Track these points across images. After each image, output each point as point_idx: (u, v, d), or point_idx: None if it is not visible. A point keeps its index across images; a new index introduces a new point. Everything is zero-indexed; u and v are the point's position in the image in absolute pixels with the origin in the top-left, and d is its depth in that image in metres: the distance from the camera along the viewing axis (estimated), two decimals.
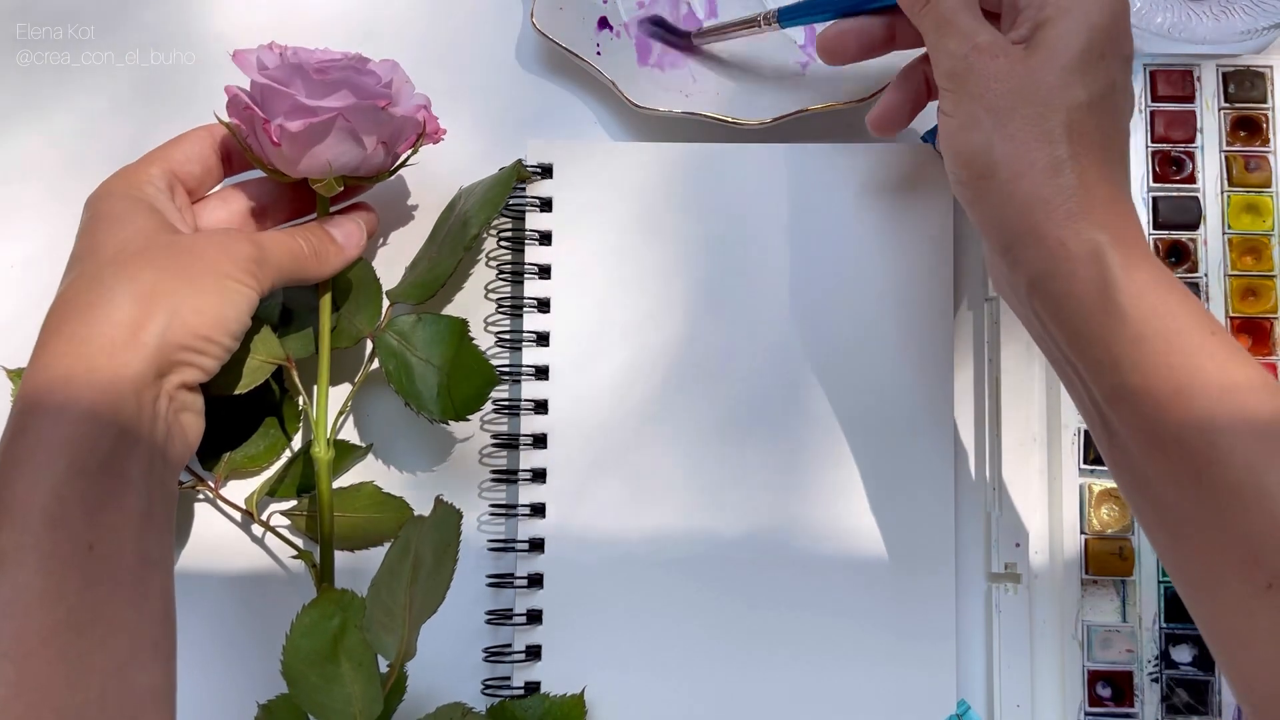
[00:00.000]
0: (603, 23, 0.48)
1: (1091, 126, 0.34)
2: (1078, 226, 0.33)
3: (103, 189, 0.39)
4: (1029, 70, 0.35)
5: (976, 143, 0.35)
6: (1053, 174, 0.34)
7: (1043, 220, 0.34)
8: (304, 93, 0.38)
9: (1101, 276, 0.33)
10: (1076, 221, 0.33)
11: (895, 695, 0.43)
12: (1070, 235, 0.33)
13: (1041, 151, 0.34)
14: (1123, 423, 0.33)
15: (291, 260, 0.39)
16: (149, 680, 0.33)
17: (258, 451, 0.44)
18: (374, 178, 0.42)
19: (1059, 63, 0.34)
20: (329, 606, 0.39)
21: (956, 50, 0.36)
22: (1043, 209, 0.34)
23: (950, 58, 0.36)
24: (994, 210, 0.35)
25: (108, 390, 0.33)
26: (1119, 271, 0.32)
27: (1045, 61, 0.34)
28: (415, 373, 0.42)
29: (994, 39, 0.35)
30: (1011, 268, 0.35)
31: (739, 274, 0.45)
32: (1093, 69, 0.34)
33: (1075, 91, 0.34)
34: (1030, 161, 0.34)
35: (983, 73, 0.35)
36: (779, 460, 0.44)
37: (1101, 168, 0.34)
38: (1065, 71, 0.34)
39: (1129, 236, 0.33)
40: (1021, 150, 0.34)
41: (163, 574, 0.35)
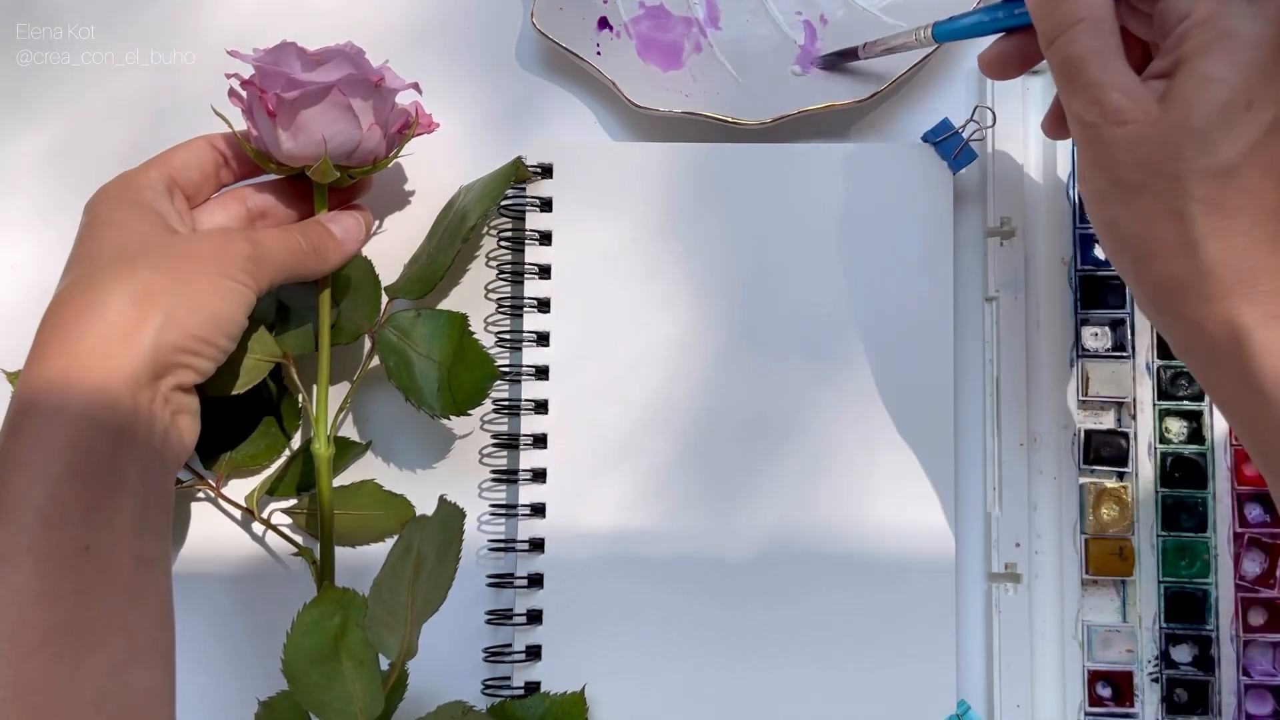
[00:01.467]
0: (603, 23, 0.48)
1: (1236, 190, 0.30)
2: (1215, 308, 0.31)
3: (101, 193, 0.39)
4: (1159, 137, 0.30)
5: (1107, 217, 0.33)
6: (1186, 254, 0.31)
7: (1178, 302, 0.31)
8: (299, 70, 0.39)
9: (1242, 360, 0.30)
10: (1214, 303, 0.31)
11: (895, 695, 0.43)
12: (1207, 317, 0.31)
13: (1174, 231, 0.31)
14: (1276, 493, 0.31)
15: (290, 256, 0.39)
16: (147, 681, 0.33)
17: (258, 450, 0.44)
18: (371, 167, 0.42)
19: (1195, 123, 0.30)
20: (330, 605, 0.39)
21: (1082, 113, 0.32)
22: (1178, 291, 0.31)
23: (1075, 120, 0.33)
24: (1132, 283, 0.33)
25: (103, 392, 0.33)
26: (1263, 356, 0.30)
27: (1179, 124, 0.30)
28: (416, 368, 0.42)
29: (1123, 99, 0.31)
30: (1160, 332, 0.34)
31: (739, 274, 0.45)
32: (1239, 123, 0.30)
33: (1217, 156, 0.30)
34: (1161, 241, 0.31)
35: (1111, 143, 0.31)
36: (778, 460, 0.44)
37: (1250, 232, 0.30)
38: (1202, 134, 0.30)
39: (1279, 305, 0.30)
40: (1151, 231, 0.31)
41: (160, 575, 0.35)
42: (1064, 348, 0.44)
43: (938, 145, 0.45)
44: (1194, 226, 0.31)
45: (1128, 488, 0.43)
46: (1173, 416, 0.44)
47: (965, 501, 0.45)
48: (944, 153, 0.45)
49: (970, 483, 0.45)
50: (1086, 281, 0.44)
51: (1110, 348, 0.44)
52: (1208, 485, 0.43)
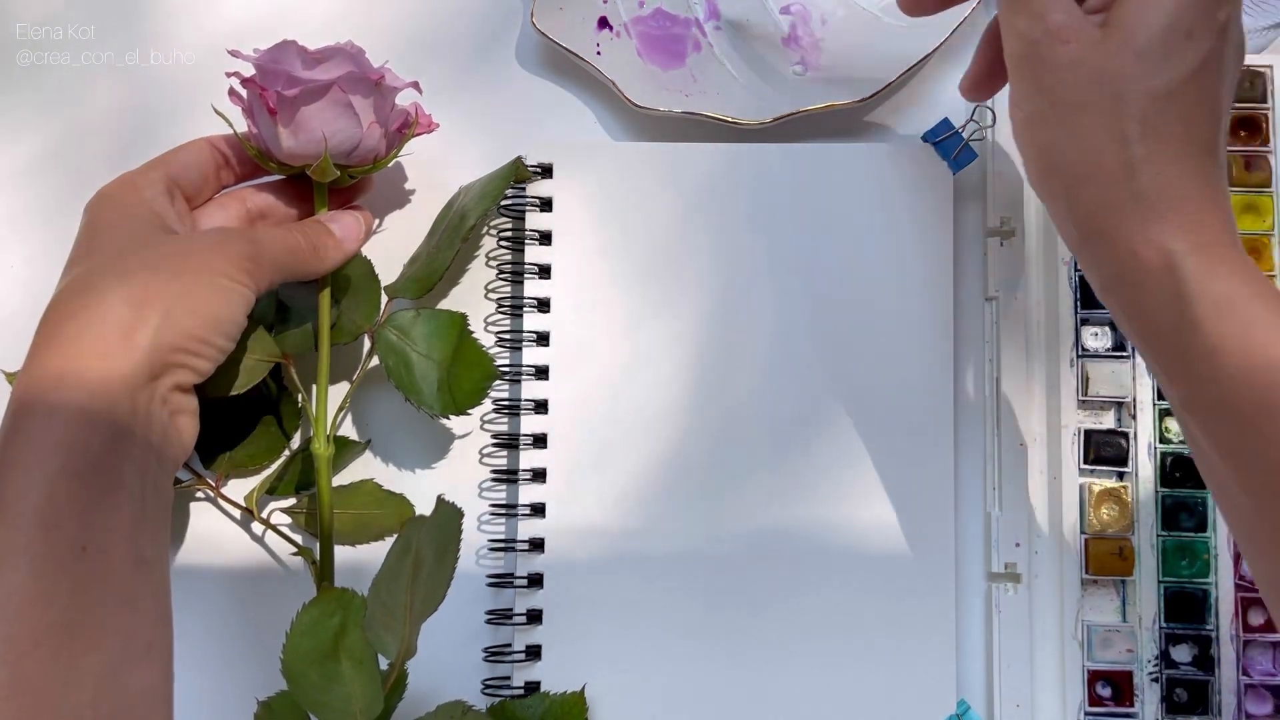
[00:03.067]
0: (603, 23, 0.48)
1: (1174, 117, 0.31)
2: (1150, 234, 0.31)
3: (101, 194, 0.39)
4: (1103, 57, 0.31)
5: (1043, 141, 0.33)
6: (1125, 177, 0.31)
7: (1113, 227, 0.32)
8: (299, 68, 0.39)
9: (1175, 287, 0.30)
10: (1149, 228, 0.31)
11: (895, 695, 0.43)
12: (1141, 243, 0.31)
13: (1112, 152, 0.31)
14: (1201, 432, 0.31)
15: (289, 255, 0.39)
16: (143, 682, 0.33)
17: (257, 450, 0.44)
18: (371, 167, 0.42)
19: (1136, 46, 0.31)
20: (329, 605, 0.39)
21: (1027, 31, 0.33)
22: (1113, 215, 0.32)
23: (1019, 40, 0.33)
24: (1063, 210, 0.33)
25: (100, 392, 0.33)
26: (1194, 282, 0.30)
27: (1121, 46, 0.31)
28: (415, 368, 0.42)
29: (1068, 19, 0.32)
30: (1085, 267, 0.34)
31: (739, 274, 0.45)
32: (1177, 50, 0.31)
33: (1156, 79, 0.31)
34: (1100, 163, 0.32)
35: (1052, 62, 0.32)
36: (779, 460, 0.44)
37: (1184, 162, 0.31)
38: (1144, 57, 0.31)
39: (1211, 237, 0.31)
40: (1090, 151, 0.32)
41: (158, 576, 0.35)
42: (1064, 348, 0.44)
43: (938, 145, 0.45)
44: (1132, 149, 0.31)
45: (1128, 488, 0.43)
46: (1173, 416, 0.44)
47: (965, 501, 0.45)
48: (944, 153, 0.45)
49: (970, 483, 0.45)
50: (1086, 282, 0.44)
51: (1110, 348, 0.44)
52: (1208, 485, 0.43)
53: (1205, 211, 0.31)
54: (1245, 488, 0.30)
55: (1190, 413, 0.32)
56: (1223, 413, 0.30)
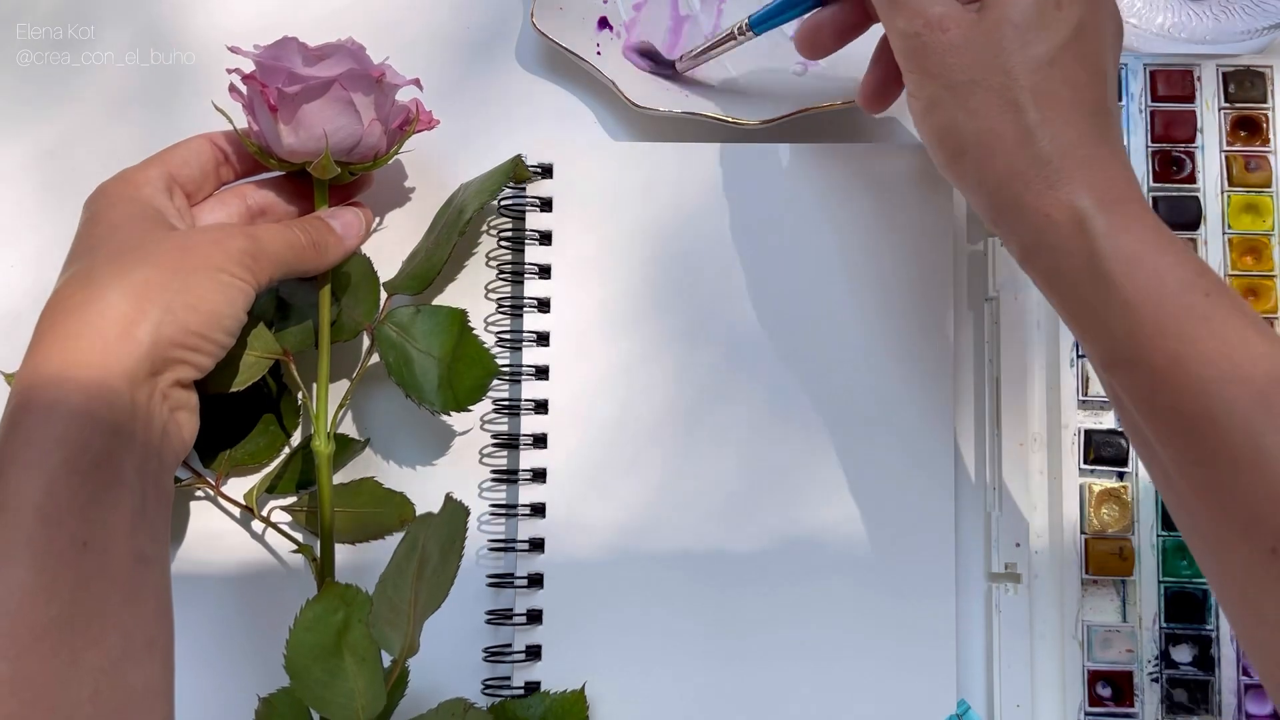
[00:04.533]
0: (603, 23, 0.48)
1: (1059, 82, 0.33)
2: (1059, 195, 0.32)
3: (100, 190, 0.39)
4: (983, 37, 0.33)
5: (943, 123, 0.34)
6: (1025, 144, 0.33)
7: (1022, 193, 0.33)
8: (300, 65, 0.39)
9: (1087, 245, 0.32)
10: (1056, 189, 0.32)
11: (895, 695, 0.43)
12: (1052, 205, 0.32)
13: (1009, 123, 0.33)
14: (1122, 389, 0.32)
15: (289, 251, 0.39)
16: (144, 678, 0.33)
17: (257, 448, 0.44)
18: (372, 164, 0.42)
19: (1012, 22, 0.33)
20: (333, 601, 0.39)
21: (907, 28, 0.35)
22: (1020, 182, 0.33)
23: (903, 37, 0.35)
24: (974, 187, 0.35)
25: (100, 387, 0.33)
26: (1104, 239, 0.31)
27: (998, 24, 0.33)
28: (416, 364, 0.42)
29: (945, 9, 0.34)
30: (1004, 239, 0.35)
31: (739, 273, 0.45)
32: (1050, 19, 0.33)
33: (1035, 49, 0.33)
34: (999, 135, 0.33)
35: (936, 48, 0.34)
36: (779, 460, 0.44)
37: (1078, 124, 0.33)
38: (1020, 30, 0.33)
39: (1116, 194, 0.32)
40: (988, 124, 0.33)
41: (158, 572, 0.35)
42: (1064, 348, 0.44)
43: None
44: (1027, 115, 0.33)
45: (1128, 488, 0.43)
46: None
47: (965, 501, 0.45)
48: None
49: (970, 483, 0.45)
50: None
51: None
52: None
53: (1105, 169, 0.33)
54: (1162, 439, 0.31)
55: (1109, 370, 0.33)
56: (1139, 367, 0.31)
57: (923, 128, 0.36)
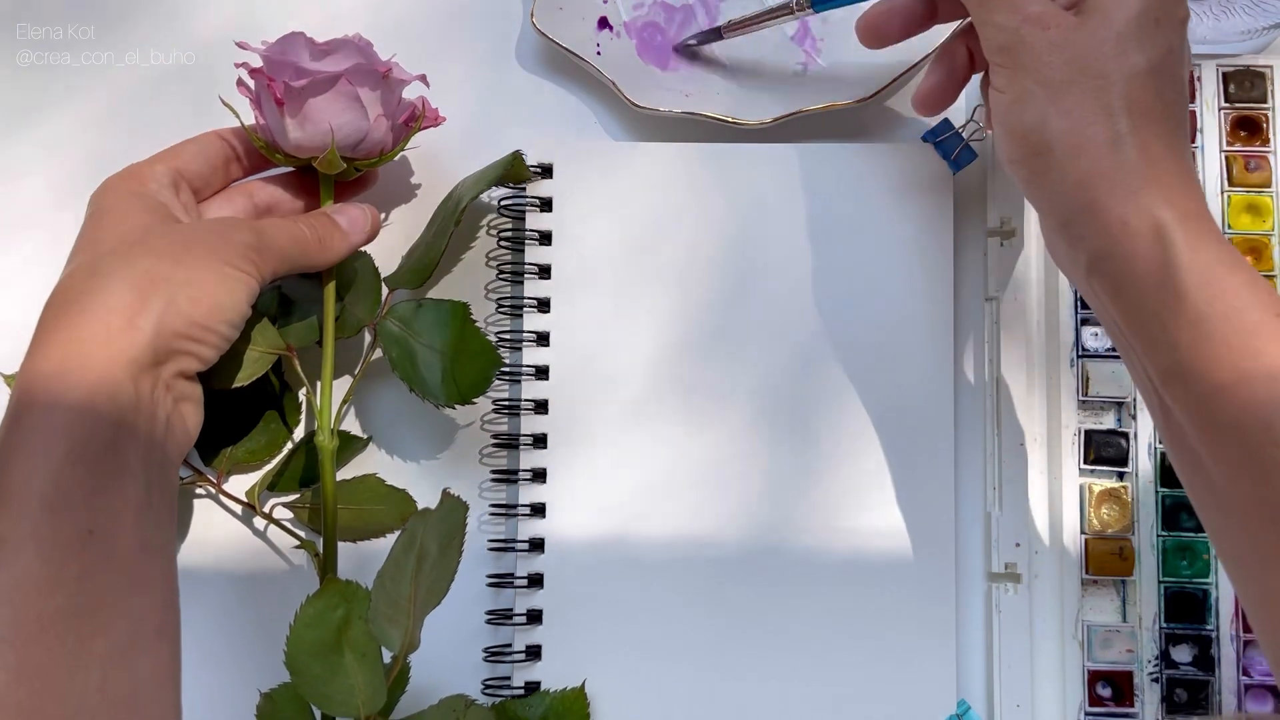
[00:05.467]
0: (603, 23, 0.48)
1: (1152, 96, 0.33)
2: (1140, 203, 0.32)
3: (106, 185, 0.39)
4: (1084, 39, 0.33)
5: (1031, 119, 0.34)
6: (1113, 149, 0.33)
7: (1104, 196, 0.33)
8: (307, 59, 0.39)
9: (1163, 255, 0.32)
10: (1139, 198, 0.32)
11: (895, 695, 0.43)
12: (1132, 213, 0.33)
13: (1100, 125, 0.33)
14: (1178, 402, 0.32)
15: (294, 246, 0.39)
16: (151, 665, 0.33)
17: (259, 445, 0.44)
18: (378, 159, 0.42)
19: (1114, 29, 0.33)
20: (333, 597, 0.39)
21: (1005, 23, 0.35)
22: (1104, 185, 0.33)
23: (999, 31, 0.35)
24: (1051, 187, 0.35)
25: (104, 377, 0.33)
26: (1182, 250, 0.32)
27: (1100, 29, 0.33)
28: (419, 358, 0.42)
29: (1044, 8, 0.34)
30: (1071, 245, 0.35)
31: (739, 273, 0.45)
32: (1149, 34, 0.33)
33: (1133, 59, 0.33)
34: (1089, 136, 0.33)
35: (1035, 45, 0.34)
36: (779, 460, 0.44)
37: (1165, 139, 0.33)
38: (1121, 39, 0.33)
39: (1193, 212, 0.33)
40: (1079, 125, 0.33)
41: (164, 560, 0.35)
42: (1064, 348, 0.44)
43: (938, 145, 0.45)
44: (1118, 122, 0.33)
45: (1128, 488, 0.43)
46: None
47: (965, 501, 0.45)
48: (944, 153, 0.45)
49: (970, 483, 0.45)
50: None
51: (1110, 348, 0.44)
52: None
53: (1185, 184, 0.33)
54: (1216, 454, 0.31)
55: (1167, 383, 0.33)
56: (1202, 380, 0.31)
57: (1006, 121, 0.35)
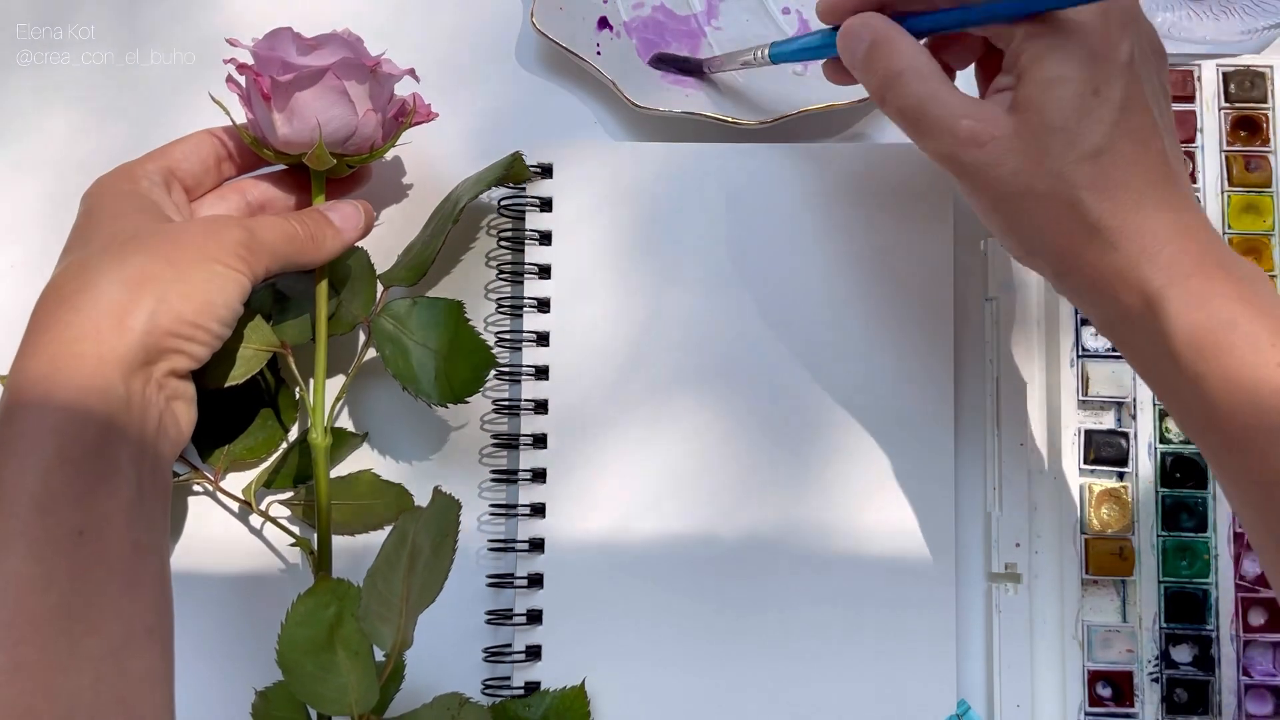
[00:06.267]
0: (603, 23, 0.48)
1: (1114, 167, 0.32)
2: (1128, 280, 0.32)
3: (98, 183, 0.39)
4: (1024, 143, 0.32)
5: (1005, 228, 0.34)
6: (1091, 238, 0.32)
7: (1095, 280, 0.33)
8: (294, 54, 0.39)
9: (1155, 326, 0.32)
10: (1127, 275, 0.32)
11: (895, 695, 0.43)
12: (1122, 289, 0.32)
13: (1072, 222, 0.32)
14: (1207, 454, 0.33)
15: (286, 243, 0.39)
16: (144, 665, 0.33)
17: (255, 443, 0.44)
18: (368, 155, 0.42)
19: (1051, 124, 0.32)
20: (325, 595, 0.39)
21: (940, 149, 0.34)
22: (1093, 271, 0.33)
23: (938, 157, 0.34)
24: (1050, 276, 0.35)
25: (94, 377, 0.33)
26: (1172, 319, 0.31)
27: (1038, 129, 0.32)
28: (412, 356, 0.42)
29: (974, 125, 0.32)
30: (1084, 313, 0.35)
31: (739, 274, 0.45)
32: (1091, 107, 0.31)
33: (1083, 145, 0.32)
34: (1064, 234, 0.33)
35: (976, 166, 0.33)
36: (779, 460, 0.44)
37: (1143, 205, 0.32)
38: (1064, 131, 0.31)
39: (1188, 267, 0.32)
40: (1051, 230, 0.33)
41: (157, 560, 0.35)
42: (1064, 348, 0.44)
43: None
44: (1089, 212, 0.32)
45: (1128, 488, 0.43)
46: None
47: (965, 501, 0.45)
48: None
49: (970, 483, 0.45)
50: None
51: (1110, 348, 0.44)
52: (1208, 485, 0.43)
53: (1179, 241, 0.32)
54: (1242, 502, 0.32)
55: (1195, 437, 0.33)
56: (1213, 436, 0.32)
57: (988, 226, 0.35)
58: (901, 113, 0.34)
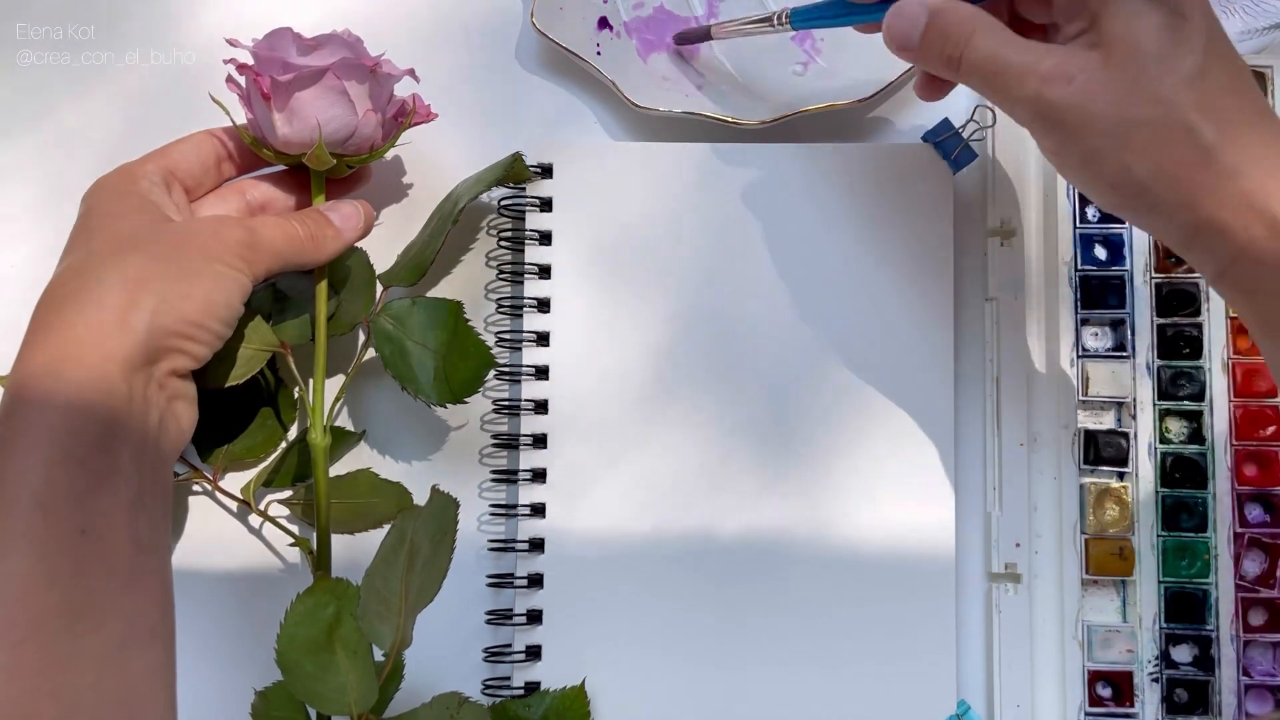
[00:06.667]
0: (603, 23, 0.48)
1: (1218, 92, 0.31)
2: (1254, 205, 0.31)
3: (98, 184, 0.39)
4: (1119, 74, 0.31)
5: (1111, 172, 0.33)
6: (1208, 163, 0.31)
7: (1215, 210, 0.31)
8: (294, 54, 0.39)
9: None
10: (1252, 200, 0.31)
11: (895, 695, 0.43)
12: (1251, 221, 0.31)
13: (1185, 147, 0.31)
14: None
15: (287, 243, 0.39)
16: (146, 664, 0.33)
17: (254, 443, 0.44)
18: (368, 155, 0.42)
19: (1147, 51, 0.31)
20: (323, 595, 0.39)
21: (1024, 93, 0.33)
22: (1212, 201, 0.31)
23: (1024, 104, 0.33)
24: (1161, 220, 0.33)
25: (96, 376, 0.33)
26: None
27: (1131, 57, 0.31)
28: (412, 357, 0.42)
29: (1057, 61, 0.32)
30: (1197, 261, 0.33)
31: (739, 274, 0.45)
32: (1183, 34, 0.31)
33: (1183, 68, 0.31)
34: (1178, 163, 0.31)
35: (1068, 104, 0.32)
36: (779, 460, 0.44)
37: (1254, 126, 0.31)
38: (1159, 57, 0.31)
39: None
40: (1164, 158, 0.31)
41: (158, 559, 0.35)
42: (1064, 348, 0.44)
43: (938, 145, 0.45)
44: (1203, 134, 0.31)
45: (1128, 488, 0.43)
46: (1173, 416, 0.44)
47: (965, 501, 0.45)
48: (944, 153, 0.45)
49: (970, 483, 0.45)
50: (1086, 281, 0.44)
51: (1110, 348, 0.44)
52: (1208, 485, 0.43)
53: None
54: None
55: None
56: None
57: (1083, 180, 0.34)
58: (980, 70, 0.33)
